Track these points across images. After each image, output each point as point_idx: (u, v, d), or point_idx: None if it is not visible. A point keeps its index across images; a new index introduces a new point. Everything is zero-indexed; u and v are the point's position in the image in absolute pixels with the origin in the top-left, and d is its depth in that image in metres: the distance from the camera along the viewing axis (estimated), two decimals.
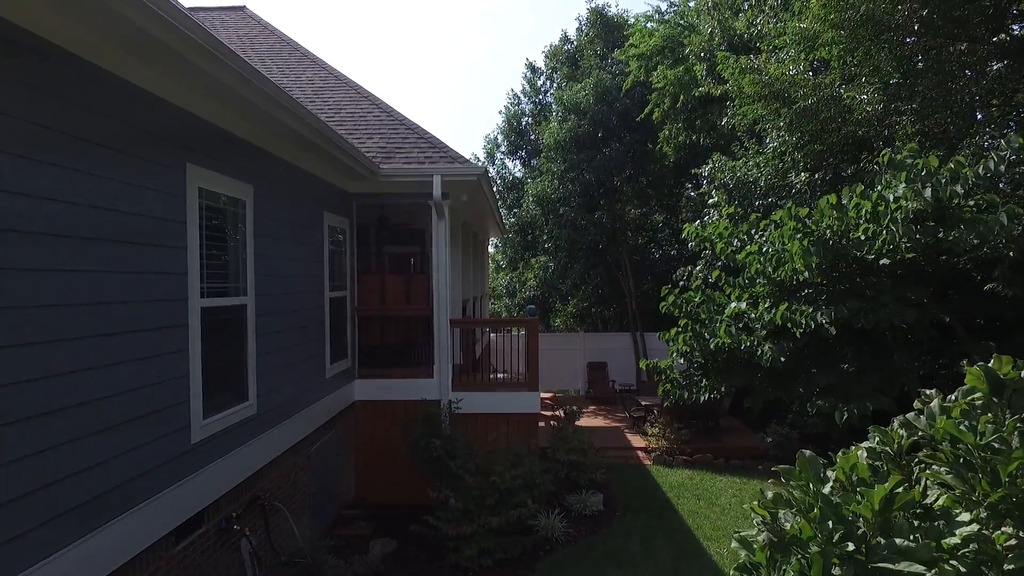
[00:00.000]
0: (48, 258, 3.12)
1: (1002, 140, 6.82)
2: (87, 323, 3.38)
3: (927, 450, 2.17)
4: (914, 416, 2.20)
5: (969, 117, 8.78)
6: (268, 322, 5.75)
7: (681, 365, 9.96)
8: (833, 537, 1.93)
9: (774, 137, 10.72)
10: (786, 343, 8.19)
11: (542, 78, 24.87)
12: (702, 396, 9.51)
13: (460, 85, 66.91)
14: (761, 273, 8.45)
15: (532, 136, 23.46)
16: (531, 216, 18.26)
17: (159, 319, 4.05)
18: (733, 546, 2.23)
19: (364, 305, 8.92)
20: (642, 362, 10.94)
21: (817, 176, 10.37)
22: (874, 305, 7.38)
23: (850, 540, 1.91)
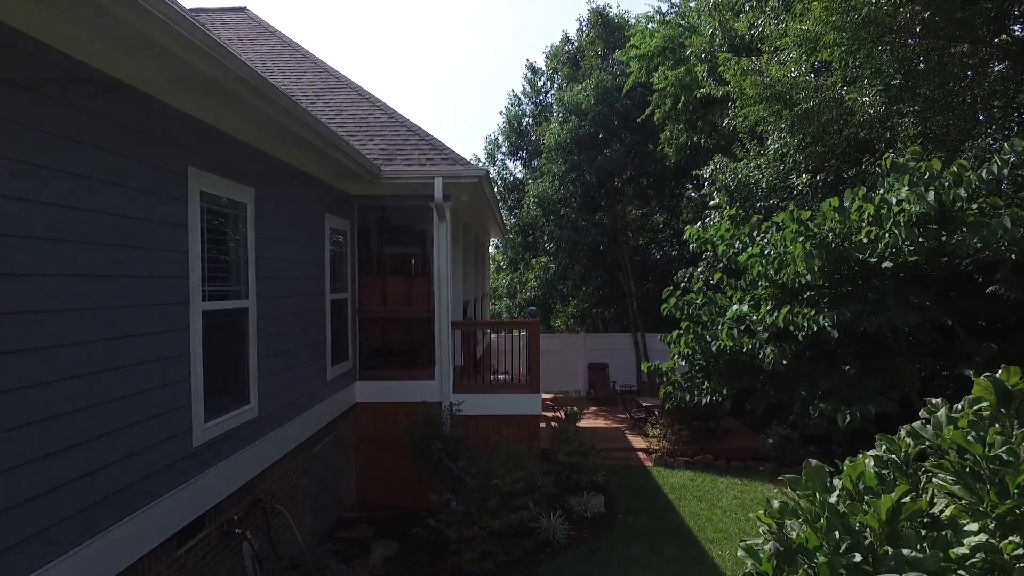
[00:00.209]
0: (49, 262, 3.11)
1: (1005, 143, 6.81)
2: (88, 327, 3.37)
3: (934, 459, 2.16)
4: (920, 425, 2.19)
5: (971, 119, 8.77)
6: (269, 325, 5.74)
7: (682, 367, 9.93)
8: (840, 547, 1.92)
9: (775, 139, 10.70)
10: (788, 346, 8.16)
11: (543, 79, 24.83)
12: (704, 399, 9.49)
13: (460, 85, 66.95)
14: (763, 275, 8.43)
15: (533, 137, 23.40)
16: (532, 217, 18.23)
17: (160, 323, 4.04)
18: (739, 554, 2.22)
19: (365, 307, 8.91)
20: (644, 364, 10.92)
21: (819, 178, 10.34)
22: (876, 308, 7.37)
23: (857, 550, 1.90)
